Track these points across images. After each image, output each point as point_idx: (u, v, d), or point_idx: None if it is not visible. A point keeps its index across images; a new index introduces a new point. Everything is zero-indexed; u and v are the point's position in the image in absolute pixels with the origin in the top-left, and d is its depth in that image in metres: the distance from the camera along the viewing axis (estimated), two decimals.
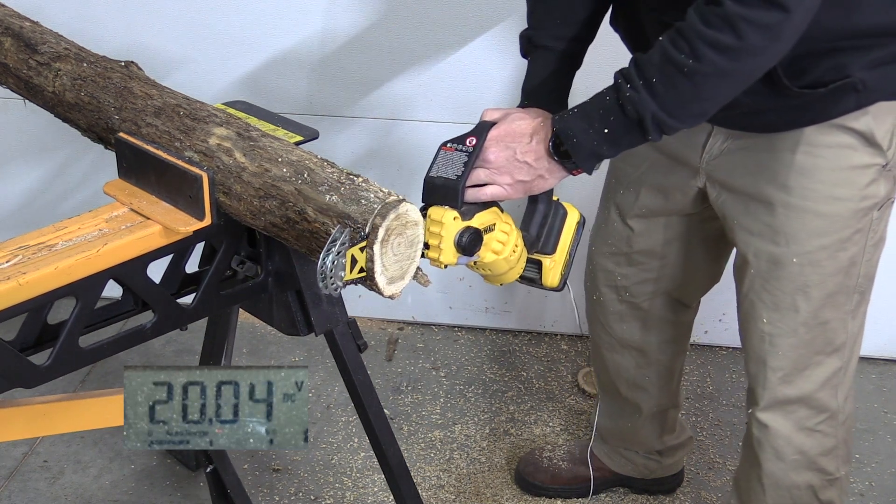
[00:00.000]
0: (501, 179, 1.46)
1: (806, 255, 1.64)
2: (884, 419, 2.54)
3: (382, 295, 1.35)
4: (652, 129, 1.38)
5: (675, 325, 2.04)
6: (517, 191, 1.49)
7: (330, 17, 2.51)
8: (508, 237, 1.49)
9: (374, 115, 2.60)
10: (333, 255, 1.26)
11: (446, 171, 1.44)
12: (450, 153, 1.45)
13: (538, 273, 1.58)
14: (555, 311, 2.78)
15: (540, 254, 1.57)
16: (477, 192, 1.46)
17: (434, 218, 1.42)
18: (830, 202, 1.61)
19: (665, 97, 1.35)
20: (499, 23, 2.45)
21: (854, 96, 1.52)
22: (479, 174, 1.46)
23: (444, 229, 1.42)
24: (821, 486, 1.81)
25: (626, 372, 2.08)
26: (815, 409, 1.75)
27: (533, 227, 1.56)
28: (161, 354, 2.72)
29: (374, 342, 2.78)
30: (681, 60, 1.32)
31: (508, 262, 1.50)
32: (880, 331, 2.69)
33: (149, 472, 2.34)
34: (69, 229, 1.41)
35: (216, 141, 1.46)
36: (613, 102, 1.38)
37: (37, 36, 1.73)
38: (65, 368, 1.39)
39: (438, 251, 1.42)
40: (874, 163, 1.60)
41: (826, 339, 1.72)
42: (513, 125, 1.48)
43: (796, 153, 1.60)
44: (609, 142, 1.41)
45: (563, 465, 2.28)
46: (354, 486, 2.30)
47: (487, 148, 1.46)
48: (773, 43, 1.33)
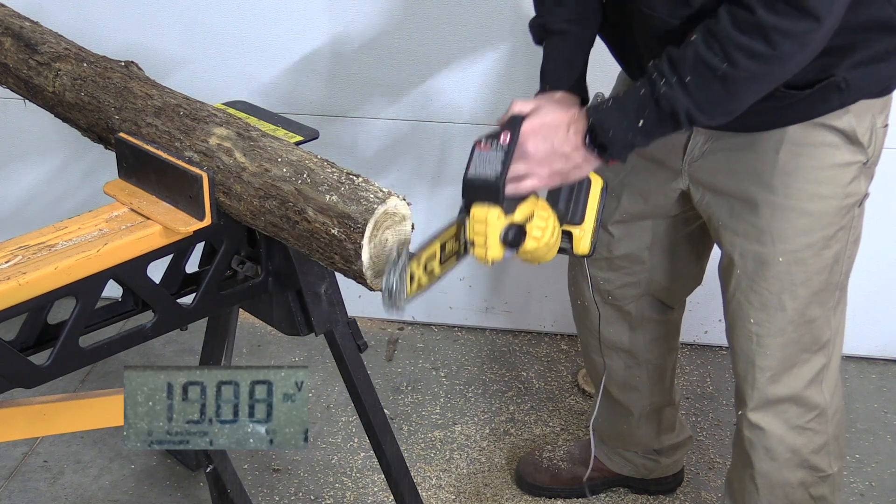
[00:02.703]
0: (540, 171, 1.47)
1: (792, 253, 1.65)
2: (884, 419, 2.54)
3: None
4: (685, 122, 1.41)
5: (662, 324, 2.05)
6: (554, 181, 1.50)
7: (330, 16, 2.51)
8: (547, 223, 1.51)
9: (375, 115, 2.60)
10: (398, 275, 1.30)
11: (484, 170, 1.44)
12: (485, 152, 1.45)
13: (569, 243, 1.60)
14: (555, 311, 2.78)
15: (570, 225, 1.59)
16: (517, 187, 1.46)
17: (478, 217, 1.43)
18: (815, 200, 1.62)
19: (698, 96, 1.39)
20: (502, 23, 2.45)
21: (838, 95, 1.55)
22: (517, 168, 1.46)
23: (489, 227, 1.42)
24: (813, 482, 1.82)
25: (616, 374, 2.08)
26: (805, 407, 1.76)
27: (561, 201, 1.57)
28: (161, 354, 2.72)
29: (374, 342, 2.78)
30: (715, 64, 1.36)
31: (548, 246, 1.52)
32: (880, 331, 2.69)
33: (149, 472, 2.34)
34: (69, 229, 1.41)
35: (216, 141, 1.46)
36: (648, 96, 1.41)
37: (37, 36, 1.73)
38: (65, 368, 1.39)
39: (485, 248, 1.43)
40: (856, 160, 1.62)
41: (812, 337, 1.72)
42: (547, 117, 1.49)
43: (780, 153, 1.61)
44: (643, 133, 1.44)
45: (563, 465, 2.28)
46: (354, 486, 2.30)
47: (525, 142, 1.47)
48: (803, 50, 1.36)
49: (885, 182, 2.45)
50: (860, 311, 2.65)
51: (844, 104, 1.56)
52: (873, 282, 2.60)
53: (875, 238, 2.54)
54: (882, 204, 2.49)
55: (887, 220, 2.53)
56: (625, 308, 1.99)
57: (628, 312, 1.99)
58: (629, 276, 1.94)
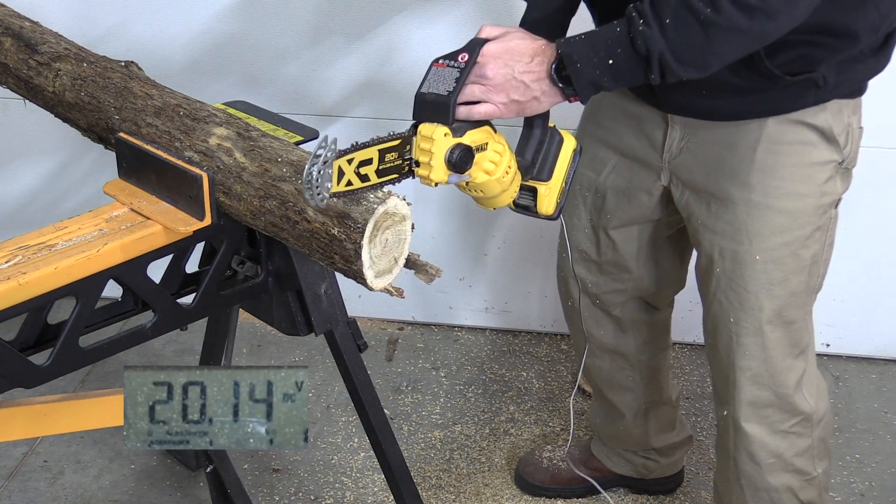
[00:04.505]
0: (496, 98, 1.41)
1: (769, 251, 1.65)
2: (884, 419, 2.54)
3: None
4: (656, 68, 1.37)
5: (651, 325, 2.05)
6: (510, 110, 1.44)
7: (331, 16, 2.51)
8: (501, 157, 1.44)
9: (375, 115, 2.60)
10: (319, 165, 1.23)
11: (437, 87, 1.39)
12: (441, 69, 1.40)
13: (533, 200, 1.53)
14: (555, 311, 2.78)
15: (535, 180, 1.52)
16: (469, 110, 1.41)
17: (424, 134, 1.37)
18: (792, 198, 1.63)
19: (675, 40, 1.35)
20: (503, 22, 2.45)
21: (814, 91, 1.55)
22: (473, 90, 1.41)
23: (434, 145, 1.37)
24: (800, 487, 1.81)
25: (607, 375, 2.08)
26: (789, 413, 1.76)
27: (528, 152, 1.51)
28: (161, 354, 2.72)
29: (374, 342, 2.78)
30: (698, 8, 1.32)
31: (501, 184, 1.45)
32: (880, 331, 2.69)
33: (149, 472, 2.34)
34: (69, 229, 1.41)
35: (216, 141, 1.46)
36: (624, 34, 1.37)
37: (37, 36, 1.73)
38: (65, 368, 1.39)
39: (429, 168, 1.37)
40: (832, 159, 1.62)
41: (792, 341, 1.72)
42: (512, 43, 1.43)
43: (757, 150, 1.61)
44: (611, 73, 1.39)
45: (563, 465, 2.28)
46: (354, 486, 2.31)
47: (485, 64, 1.41)
48: (791, 9, 1.34)
49: (885, 182, 2.46)
50: (860, 311, 2.65)
51: (819, 101, 1.57)
52: (873, 282, 2.60)
53: (875, 238, 2.55)
54: (881, 204, 2.50)
55: (886, 220, 2.53)
56: (612, 312, 1.99)
57: (616, 317, 1.99)
58: (617, 283, 1.94)
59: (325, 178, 1.24)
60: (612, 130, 1.79)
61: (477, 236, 2.73)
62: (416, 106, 1.40)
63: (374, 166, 1.32)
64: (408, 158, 1.38)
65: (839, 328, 2.67)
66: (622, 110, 1.76)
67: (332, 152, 1.25)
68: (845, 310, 2.62)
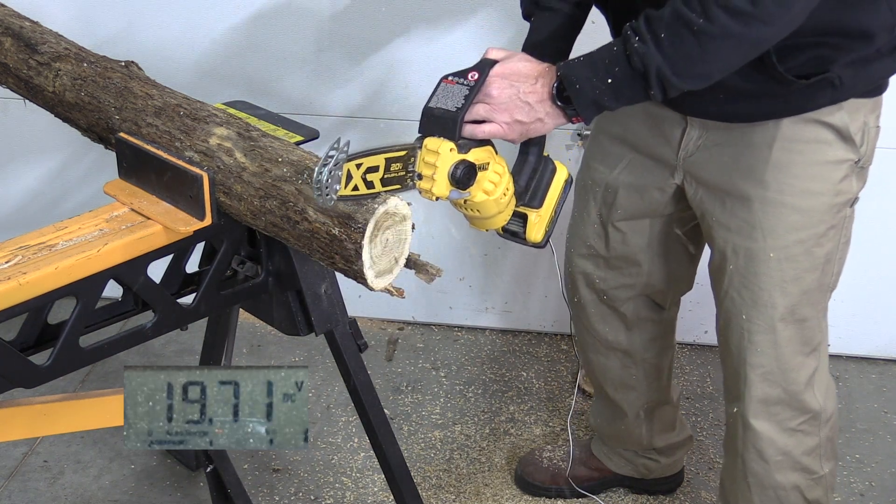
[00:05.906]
0: (500, 117, 1.44)
1: (782, 249, 1.65)
2: (884, 419, 2.54)
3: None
4: (655, 84, 1.38)
5: (658, 323, 2.05)
6: (514, 131, 1.47)
7: (331, 16, 2.51)
8: (501, 178, 1.47)
9: (376, 115, 2.60)
10: (331, 166, 1.25)
11: (446, 103, 1.41)
12: (451, 86, 1.43)
13: (523, 227, 1.56)
14: (555, 311, 2.78)
15: (527, 207, 1.55)
16: (474, 128, 1.44)
17: (430, 148, 1.40)
18: (806, 196, 1.63)
19: (671, 54, 1.35)
20: (503, 24, 2.45)
21: (830, 91, 1.55)
22: (478, 109, 1.44)
23: (439, 160, 1.39)
24: (807, 485, 1.82)
25: (612, 373, 2.08)
26: (798, 410, 1.76)
27: (522, 178, 1.53)
28: (161, 354, 2.72)
29: (374, 342, 2.78)
30: (691, 18, 1.33)
31: (498, 205, 1.48)
32: (880, 331, 2.69)
33: (149, 472, 2.34)
34: (69, 229, 1.41)
35: (217, 141, 1.46)
36: (620, 53, 1.38)
37: (37, 36, 1.73)
38: (65, 368, 1.39)
39: (432, 182, 1.40)
40: (847, 158, 1.62)
41: (804, 339, 1.72)
42: (518, 65, 1.46)
43: (773, 149, 1.61)
44: (612, 92, 1.41)
45: (563, 465, 2.28)
46: (354, 486, 2.30)
47: (491, 84, 1.44)
48: (785, 13, 1.33)
49: (885, 182, 2.46)
50: (860, 311, 2.65)
51: (836, 101, 1.57)
52: (873, 282, 2.60)
53: (875, 238, 2.55)
54: (882, 204, 2.50)
55: (887, 220, 2.53)
56: (620, 309, 1.99)
57: (623, 314, 1.99)
58: (625, 278, 1.94)
59: (334, 179, 1.26)
60: (629, 127, 1.79)
61: (477, 236, 2.73)
62: (424, 120, 1.42)
63: (380, 174, 1.34)
64: (411, 171, 1.40)
65: (839, 328, 2.67)
66: (642, 108, 1.76)
67: (345, 154, 1.27)
68: (845, 310, 2.62)
